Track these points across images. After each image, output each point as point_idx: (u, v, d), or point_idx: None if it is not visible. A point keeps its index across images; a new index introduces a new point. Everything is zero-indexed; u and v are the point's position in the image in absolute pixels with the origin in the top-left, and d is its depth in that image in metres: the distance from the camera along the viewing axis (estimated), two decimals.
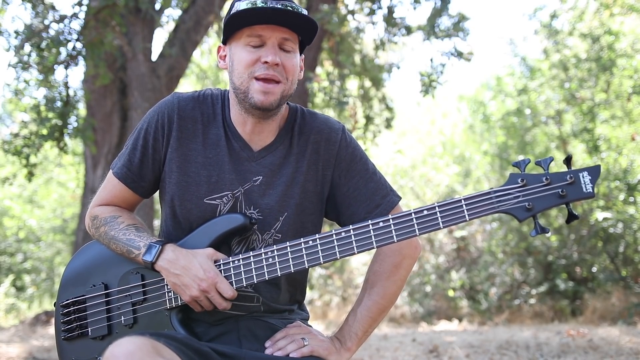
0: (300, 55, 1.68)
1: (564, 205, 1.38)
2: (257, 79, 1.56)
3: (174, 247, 1.58)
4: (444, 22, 7.46)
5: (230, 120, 1.68)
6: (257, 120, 1.64)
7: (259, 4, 1.53)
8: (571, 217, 1.38)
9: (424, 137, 12.75)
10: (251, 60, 1.56)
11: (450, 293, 8.54)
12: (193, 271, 1.52)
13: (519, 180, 1.39)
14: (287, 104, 1.75)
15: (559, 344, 4.70)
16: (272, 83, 1.56)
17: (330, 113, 8.88)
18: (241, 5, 1.55)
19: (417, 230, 1.44)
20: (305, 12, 1.59)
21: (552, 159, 1.38)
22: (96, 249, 1.74)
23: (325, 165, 1.70)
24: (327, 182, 1.71)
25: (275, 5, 1.53)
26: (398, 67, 8.32)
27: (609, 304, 7.01)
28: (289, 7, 1.54)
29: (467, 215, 1.41)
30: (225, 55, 1.67)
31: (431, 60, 7.47)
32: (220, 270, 1.56)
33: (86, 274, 1.71)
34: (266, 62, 1.55)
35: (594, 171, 1.36)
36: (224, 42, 1.66)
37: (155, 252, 1.56)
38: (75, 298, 1.70)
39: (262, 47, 1.57)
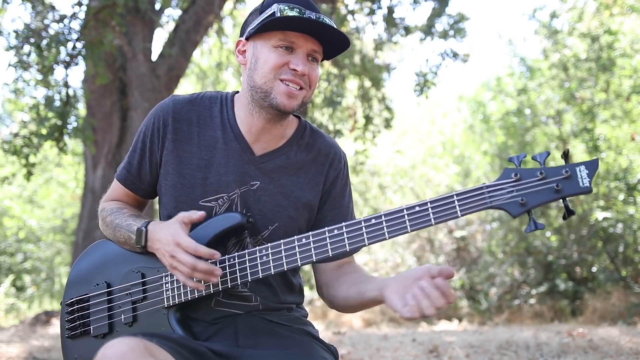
0: None
1: (561, 201, 1.33)
2: (282, 80, 1.56)
3: (154, 223, 1.60)
4: (443, 22, 7.49)
5: (235, 121, 1.67)
6: (267, 122, 1.63)
7: (302, 13, 1.54)
8: (568, 213, 1.33)
9: (424, 137, 12.76)
10: (280, 63, 1.56)
11: None
12: (164, 240, 1.52)
13: (513, 174, 1.34)
14: (299, 118, 1.77)
15: (559, 344, 4.69)
16: (296, 87, 1.57)
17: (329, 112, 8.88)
18: (282, 9, 1.55)
19: (408, 226, 1.42)
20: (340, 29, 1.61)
21: (548, 154, 1.33)
22: (102, 248, 1.76)
23: (323, 187, 1.72)
24: (321, 202, 1.73)
25: (318, 18, 1.55)
26: (394, 68, 8.34)
27: (609, 304, 7.00)
28: (326, 21, 1.56)
29: (459, 211, 1.37)
30: (244, 51, 1.65)
31: (427, 60, 7.52)
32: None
33: (91, 273, 1.73)
34: (295, 70, 1.55)
35: (592, 165, 1.29)
36: (246, 37, 1.64)
37: (143, 235, 1.57)
38: (79, 296, 1.71)
39: (291, 53, 1.57)
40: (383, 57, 9.80)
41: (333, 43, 1.60)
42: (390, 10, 7.64)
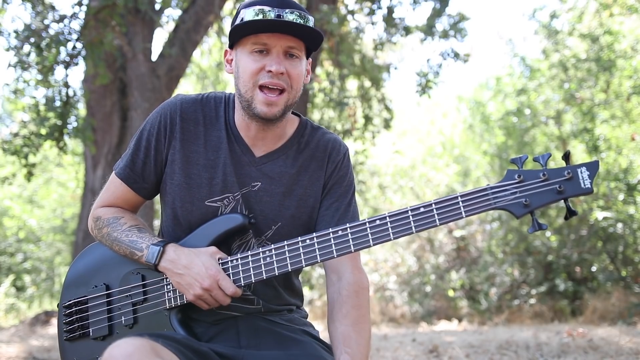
0: (307, 59, 1.68)
1: (563, 202, 1.36)
2: (261, 88, 1.56)
3: (176, 247, 1.59)
4: (444, 22, 7.49)
5: (234, 123, 1.68)
6: (261, 127, 1.64)
7: (267, 13, 1.53)
8: (570, 213, 1.36)
9: (424, 137, 12.77)
10: (256, 68, 1.56)
11: (450, 293, 8.54)
12: (195, 270, 1.53)
13: (516, 176, 1.37)
14: (299, 116, 1.77)
15: (559, 344, 4.70)
16: (275, 93, 1.57)
17: (330, 113, 8.89)
18: (248, 14, 1.55)
19: (413, 227, 1.43)
20: (310, 20, 1.58)
21: (550, 155, 1.36)
22: (99, 250, 1.75)
23: (324, 181, 1.71)
24: (322, 195, 1.72)
25: (282, 16, 1.53)
26: (395, 68, 8.34)
27: (609, 304, 7.00)
28: (294, 18, 1.54)
29: (463, 212, 1.39)
30: (231, 60, 1.66)
31: (428, 60, 7.52)
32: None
33: (89, 274, 1.72)
34: (270, 71, 1.55)
35: (592, 166, 1.33)
36: (231, 46, 1.66)
37: (157, 253, 1.57)
38: (77, 299, 1.70)
39: (267, 55, 1.56)
40: (383, 57, 9.81)
41: (308, 35, 1.58)
42: (390, 10, 7.64)
